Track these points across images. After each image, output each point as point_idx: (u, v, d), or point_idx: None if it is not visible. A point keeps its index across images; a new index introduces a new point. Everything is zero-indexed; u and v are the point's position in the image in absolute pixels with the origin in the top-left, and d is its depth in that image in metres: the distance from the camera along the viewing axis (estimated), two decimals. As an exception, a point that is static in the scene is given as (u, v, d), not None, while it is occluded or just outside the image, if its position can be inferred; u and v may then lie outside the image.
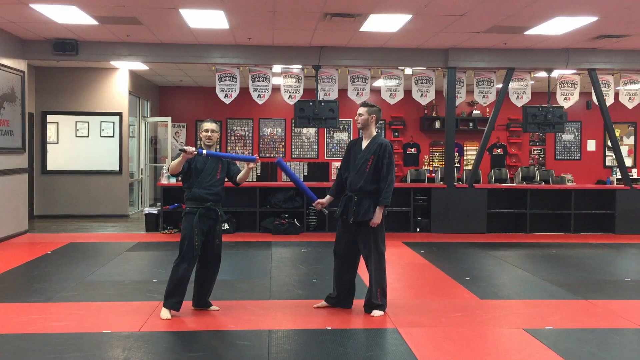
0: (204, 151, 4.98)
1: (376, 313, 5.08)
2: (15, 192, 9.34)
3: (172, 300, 4.98)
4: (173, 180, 9.57)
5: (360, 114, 5.21)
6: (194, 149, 4.87)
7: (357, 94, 10.26)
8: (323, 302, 5.37)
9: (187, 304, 5.19)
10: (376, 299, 5.11)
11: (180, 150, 4.89)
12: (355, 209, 5.08)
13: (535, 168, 14.52)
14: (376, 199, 5.06)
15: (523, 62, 10.15)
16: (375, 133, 5.26)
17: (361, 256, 5.24)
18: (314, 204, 5.39)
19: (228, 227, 9.74)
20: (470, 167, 13.90)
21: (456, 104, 10.50)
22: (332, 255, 5.35)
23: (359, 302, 5.28)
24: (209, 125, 5.22)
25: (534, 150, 15.67)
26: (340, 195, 5.30)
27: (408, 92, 10.64)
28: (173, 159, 5.14)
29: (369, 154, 5.13)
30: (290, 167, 14.97)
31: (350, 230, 5.17)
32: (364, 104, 5.26)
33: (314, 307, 5.33)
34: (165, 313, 4.95)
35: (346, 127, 15.15)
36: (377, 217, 5.05)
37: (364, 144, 5.23)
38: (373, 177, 5.10)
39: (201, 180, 5.02)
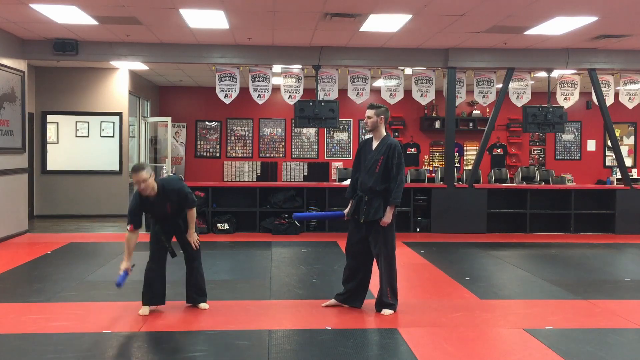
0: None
1: (386, 312, 5.09)
2: (15, 192, 9.34)
3: (147, 297, 5.15)
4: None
5: (368, 117, 5.20)
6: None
7: (357, 94, 10.26)
8: (332, 300, 5.37)
9: (184, 305, 5.21)
10: (387, 297, 5.12)
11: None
12: (366, 208, 5.12)
13: (535, 168, 14.52)
14: (386, 198, 5.08)
15: (523, 62, 10.14)
16: (385, 133, 5.25)
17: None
18: (345, 219, 5.39)
19: (228, 227, 9.75)
20: (470, 167, 13.89)
21: (456, 104, 10.49)
22: (332, 255, 5.36)
23: (364, 302, 5.29)
24: (141, 175, 4.84)
25: (534, 150, 15.67)
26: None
27: (408, 92, 10.64)
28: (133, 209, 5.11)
29: (379, 154, 5.14)
30: (290, 167, 14.97)
31: (361, 229, 5.19)
32: (371, 106, 5.24)
33: (323, 306, 5.33)
34: (143, 310, 5.07)
35: (346, 127, 15.15)
36: (388, 216, 5.07)
37: (374, 144, 5.24)
38: (383, 177, 5.12)
39: (153, 215, 5.23)
